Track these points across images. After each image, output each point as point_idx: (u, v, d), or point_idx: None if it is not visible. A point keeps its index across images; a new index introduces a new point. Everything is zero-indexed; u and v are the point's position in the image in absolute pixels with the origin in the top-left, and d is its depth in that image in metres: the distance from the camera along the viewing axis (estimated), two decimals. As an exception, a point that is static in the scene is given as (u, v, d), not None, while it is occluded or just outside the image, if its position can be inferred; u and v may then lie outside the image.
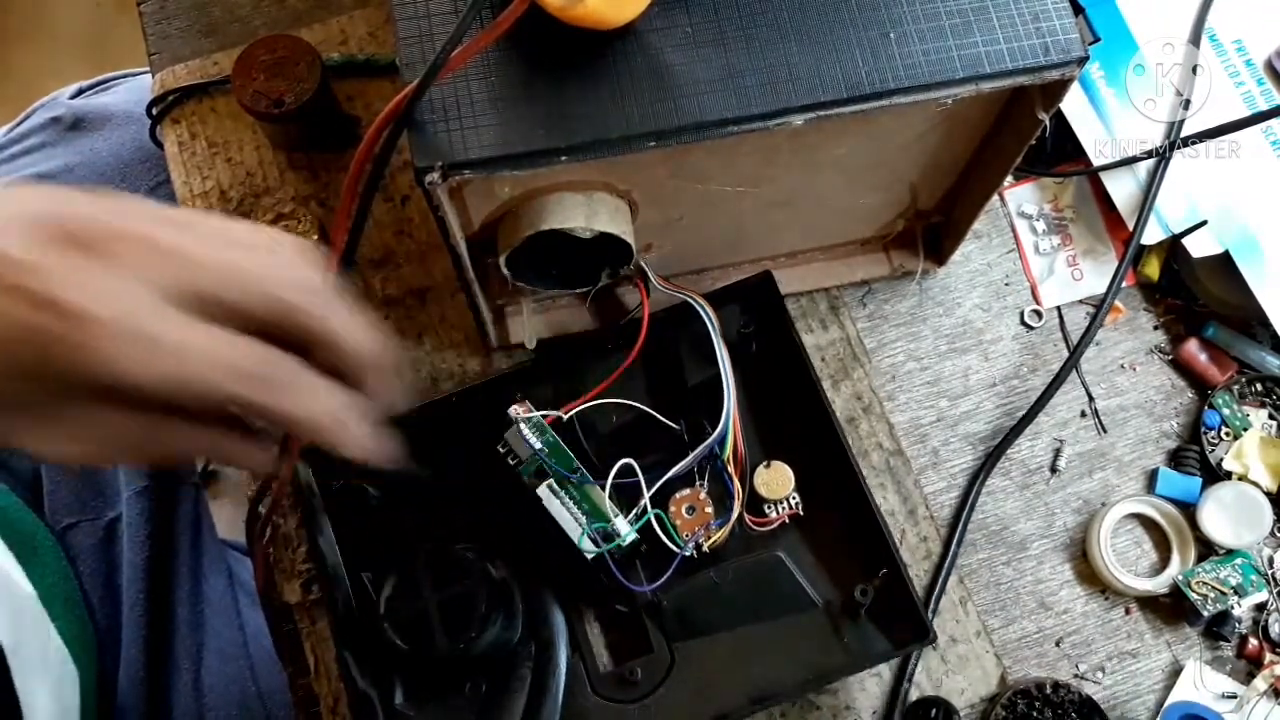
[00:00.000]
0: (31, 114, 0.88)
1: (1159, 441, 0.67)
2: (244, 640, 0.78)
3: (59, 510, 0.78)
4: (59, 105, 0.87)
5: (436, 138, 0.46)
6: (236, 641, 0.78)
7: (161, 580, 0.77)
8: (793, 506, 0.60)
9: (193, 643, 0.76)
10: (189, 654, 0.75)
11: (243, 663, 0.77)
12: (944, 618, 0.63)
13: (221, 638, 0.77)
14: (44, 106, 0.88)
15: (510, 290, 0.61)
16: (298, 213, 0.69)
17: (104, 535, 0.77)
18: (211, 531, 0.82)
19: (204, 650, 0.76)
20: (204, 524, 0.81)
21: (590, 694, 0.58)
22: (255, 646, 0.78)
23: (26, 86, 0.92)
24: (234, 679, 0.76)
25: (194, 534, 0.80)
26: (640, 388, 0.63)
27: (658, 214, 0.57)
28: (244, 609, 0.80)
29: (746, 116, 0.47)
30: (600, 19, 0.45)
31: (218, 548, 0.82)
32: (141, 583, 0.75)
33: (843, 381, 0.67)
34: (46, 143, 0.85)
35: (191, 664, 0.75)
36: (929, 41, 0.47)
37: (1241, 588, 0.62)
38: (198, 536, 0.80)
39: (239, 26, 0.74)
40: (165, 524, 0.78)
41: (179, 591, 0.77)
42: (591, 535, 0.57)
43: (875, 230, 0.66)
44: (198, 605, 0.77)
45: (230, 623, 0.78)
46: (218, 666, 0.76)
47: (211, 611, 0.78)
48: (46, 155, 0.84)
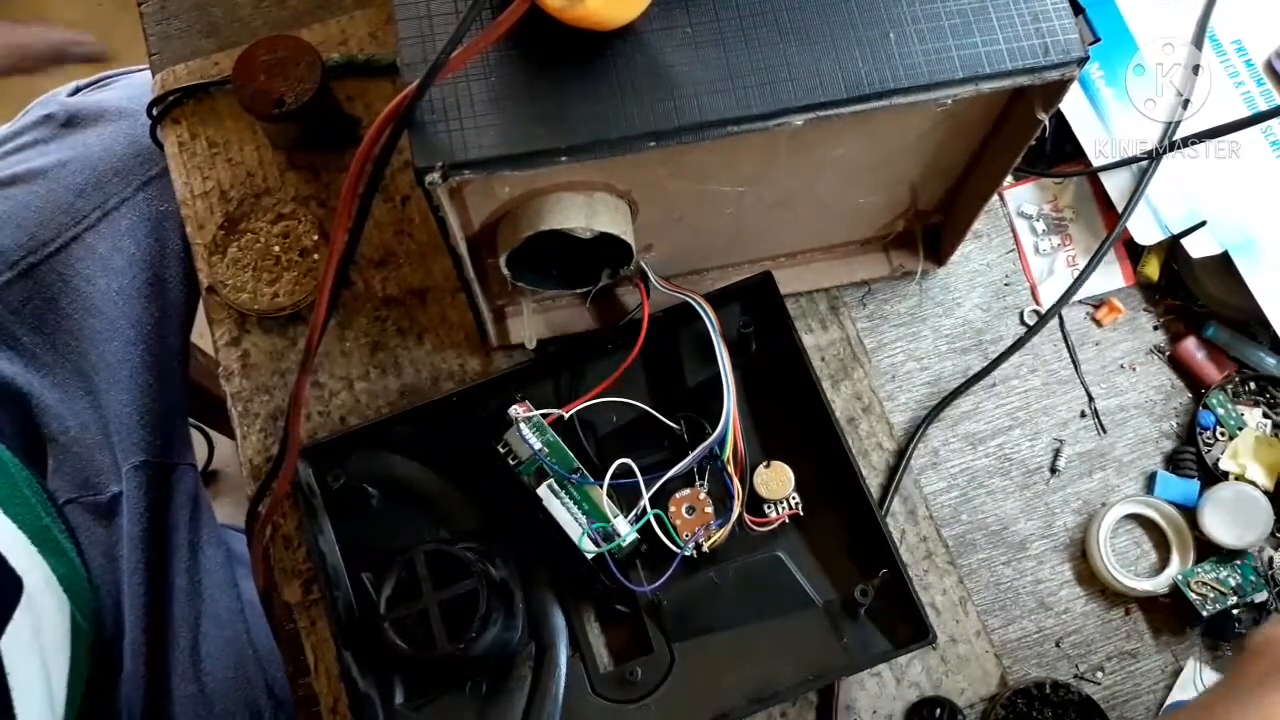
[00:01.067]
0: (28, 112, 0.89)
1: (1159, 442, 0.67)
2: (241, 608, 0.80)
3: (61, 488, 0.79)
4: (54, 103, 0.88)
5: (437, 138, 0.46)
6: (233, 609, 0.80)
7: (159, 551, 0.78)
8: (793, 506, 0.60)
9: (191, 610, 0.78)
10: (187, 621, 0.77)
11: (239, 627, 0.79)
12: (944, 618, 0.63)
13: (218, 604, 0.79)
14: (40, 104, 0.89)
15: (510, 290, 0.61)
16: (298, 213, 0.69)
17: (105, 510, 0.79)
18: (209, 510, 0.84)
19: (201, 618, 0.78)
20: (202, 502, 0.83)
21: (590, 694, 0.58)
22: (252, 613, 0.80)
23: (26, 86, 0.93)
24: (230, 643, 0.78)
25: (193, 509, 0.82)
26: (640, 388, 0.63)
27: (658, 214, 0.57)
28: (241, 579, 0.81)
29: (746, 116, 0.47)
30: (600, 19, 0.45)
31: (215, 525, 0.84)
32: (140, 553, 0.77)
33: (843, 381, 0.67)
34: (40, 139, 0.86)
35: (189, 630, 0.77)
36: (929, 41, 0.48)
37: (1241, 588, 0.62)
38: (196, 512, 0.82)
39: (239, 26, 0.74)
40: (163, 498, 0.80)
41: (177, 563, 0.79)
42: (591, 535, 0.57)
43: (875, 230, 0.66)
44: (195, 575, 0.79)
45: (227, 591, 0.80)
46: (215, 633, 0.78)
47: (210, 581, 0.80)
48: (40, 151, 0.85)
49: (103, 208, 0.82)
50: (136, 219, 0.83)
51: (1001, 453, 0.67)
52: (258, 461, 0.66)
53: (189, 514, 0.81)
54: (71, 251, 0.82)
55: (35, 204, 0.82)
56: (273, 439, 0.66)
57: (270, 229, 0.69)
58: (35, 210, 0.82)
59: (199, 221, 0.70)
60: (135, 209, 0.83)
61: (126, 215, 0.83)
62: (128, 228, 0.82)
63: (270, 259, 0.68)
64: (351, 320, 0.68)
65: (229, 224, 0.69)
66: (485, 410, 0.61)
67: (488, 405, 0.61)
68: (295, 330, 0.68)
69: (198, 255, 0.69)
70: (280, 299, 0.67)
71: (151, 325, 0.81)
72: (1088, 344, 0.68)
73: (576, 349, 0.63)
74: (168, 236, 0.83)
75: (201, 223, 0.70)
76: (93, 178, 0.83)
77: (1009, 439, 0.67)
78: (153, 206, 0.83)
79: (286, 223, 0.69)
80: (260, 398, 0.67)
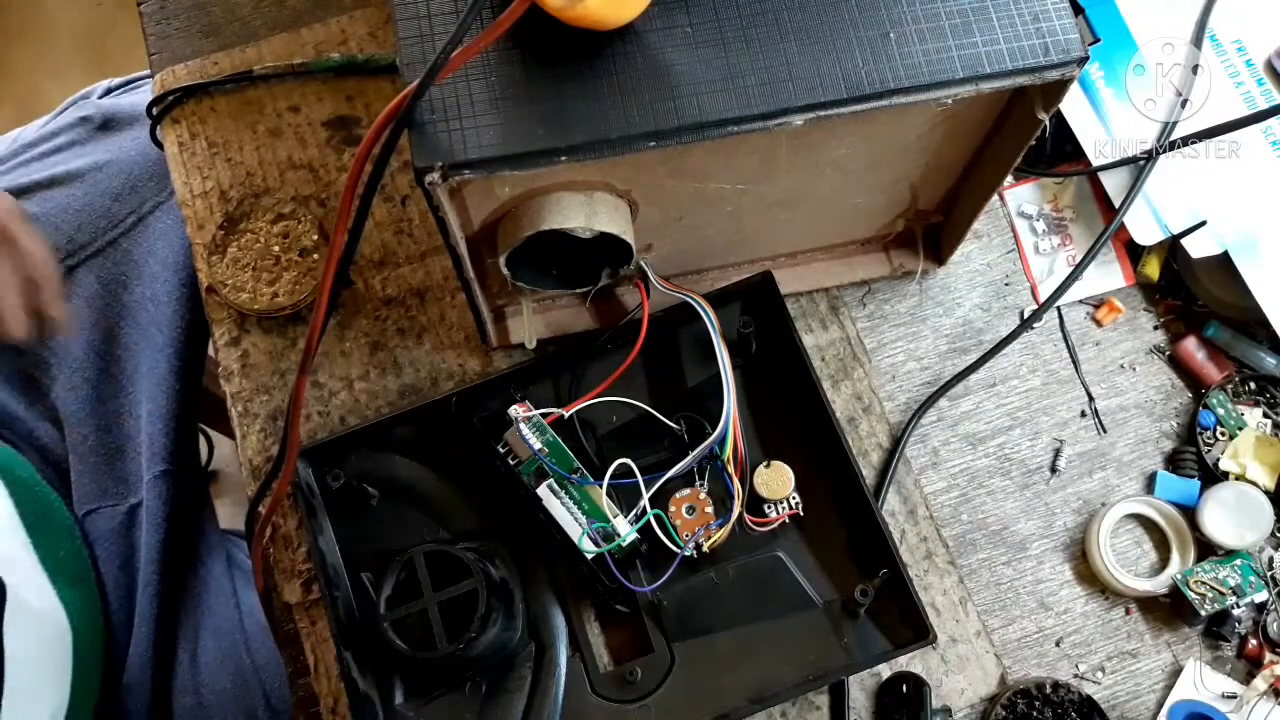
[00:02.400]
0: (63, 111, 0.90)
1: (1159, 442, 0.67)
2: (239, 618, 0.80)
3: (83, 498, 0.80)
4: (89, 105, 0.89)
5: (436, 138, 0.46)
6: (232, 619, 0.80)
7: (172, 562, 0.79)
8: (793, 506, 0.60)
9: (190, 623, 0.78)
10: (187, 633, 0.78)
11: (238, 637, 0.79)
12: (944, 618, 0.63)
13: (217, 616, 0.80)
14: (75, 105, 0.90)
15: (510, 290, 0.61)
16: (298, 213, 0.69)
17: (124, 520, 0.79)
18: (212, 517, 0.84)
19: (200, 630, 0.78)
20: (206, 510, 0.84)
21: (590, 694, 0.58)
22: (251, 623, 0.80)
23: (26, 86, 0.93)
24: (229, 654, 0.78)
25: (196, 520, 0.82)
26: (640, 388, 0.63)
27: (658, 214, 0.57)
28: (240, 589, 0.82)
29: (746, 116, 0.47)
30: (600, 19, 0.45)
31: (218, 533, 0.84)
32: (157, 564, 0.78)
33: (843, 381, 0.67)
34: (76, 141, 0.87)
35: (189, 642, 0.78)
36: (929, 41, 0.47)
37: (1240, 588, 0.62)
38: (201, 520, 0.82)
39: (239, 26, 0.74)
40: (181, 508, 0.80)
41: (184, 573, 0.80)
42: (592, 535, 0.57)
43: (875, 230, 0.66)
44: (197, 586, 0.80)
45: (226, 602, 0.81)
46: (213, 644, 0.78)
47: (210, 591, 0.80)
48: (77, 153, 0.86)
49: (138, 212, 0.84)
50: (171, 223, 0.84)
51: (1001, 453, 0.67)
52: (258, 461, 0.65)
53: (197, 523, 0.82)
54: (108, 256, 0.82)
55: (74, 206, 0.83)
56: (273, 439, 0.66)
57: (270, 229, 0.69)
58: (74, 213, 0.83)
59: (199, 221, 0.70)
60: (169, 213, 0.84)
61: (161, 219, 0.84)
62: (161, 231, 0.83)
63: (270, 259, 0.68)
64: (351, 320, 0.68)
65: (229, 224, 0.69)
66: (485, 410, 0.61)
67: (488, 405, 0.61)
68: (295, 330, 0.68)
69: (197, 255, 0.69)
70: (280, 299, 0.67)
71: (182, 331, 0.82)
72: (1088, 344, 0.68)
73: (576, 349, 0.63)
74: None
75: (201, 223, 0.70)
76: (129, 182, 0.84)
77: (1009, 439, 0.67)
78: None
79: (286, 223, 0.69)
80: (260, 398, 0.67)
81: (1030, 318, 0.68)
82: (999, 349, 0.67)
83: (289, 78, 0.72)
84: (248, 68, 0.72)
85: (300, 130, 0.71)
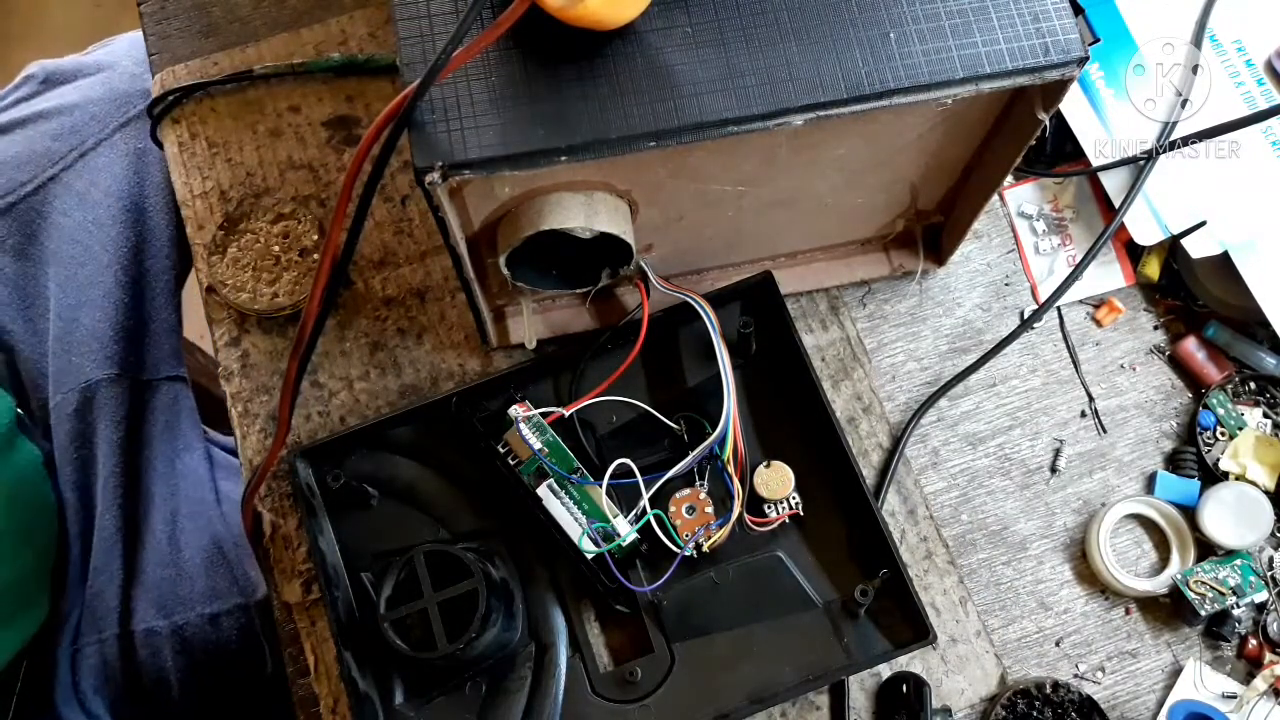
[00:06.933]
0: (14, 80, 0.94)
1: (1159, 442, 0.67)
2: (217, 500, 0.86)
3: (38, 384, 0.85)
4: (35, 66, 0.93)
5: (436, 137, 0.46)
6: (209, 502, 0.85)
7: (133, 460, 0.83)
8: (793, 506, 0.60)
9: (168, 510, 0.83)
10: (165, 520, 0.83)
11: (213, 513, 0.85)
12: (944, 618, 0.63)
13: (193, 502, 0.84)
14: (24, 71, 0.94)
15: (510, 290, 0.61)
16: (298, 213, 0.69)
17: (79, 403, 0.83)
18: (191, 418, 0.88)
19: (178, 515, 0.83)
20: (183, 411, 0.87)
21: (590, 694, 0.58)
22: (229, 505, 0.85)
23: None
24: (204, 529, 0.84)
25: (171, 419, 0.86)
26: (640, 388, 0.63)
27: (658, 214, 0.57)
28: (220, 480, 0.87)
29: (746, 116, 0.47)
30: (600, 19, 0.45)
31: (197, 433, 0.88)
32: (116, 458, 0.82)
33: (843, 381, 0.67)
34: (21, 98, 0.91)
35: (166, 526, 0.83)
36: (929, 41, 0.48)
37: (1240, 588, 0.62)
38: (175, 421, 0.86)
39: (239, 26, 0.74)
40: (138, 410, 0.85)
41: (154, 473, 0.84)
42: (591, 535, 0.57)
43: (875, 230, 0.66)
44: (172, 480, 0.84)
45: (206, 494, 0.86)
46: (191, 526, 0.83)
47: (186, 483, 0.85)
48: (21, 108, 0.90)
49: (79, 149, 0.86)
50: (114, 156, 0.86)
51: (1001, 453, 0.67)
52: (258, 461, 0.65)
53: (166, 425, 0.86)
54: (49, 190, 0.86)
55: (13, 151, 0.86)
56: (272, 439, 0.66)
57: (270, 229, 0.69)
58: (13, 157, 0.86)
59: (199, 222, 0.70)
60: (112, 148, 0.87)
61: (103, 154, 0.86)
62: (104, 164, 0.86)
63: (270, 259, 0.68)
64: (351, 320, 0.68)
65: (229, 224, 0.69)
66: (485, 410, 0.61)
67: (488, 405, 0.61)
68: (295, 330, 0.68)
69: (197, 255, 0.69)
70: (280, 299, 0.67)
71: (128, 249, 0.85)
72: (1088, 344, 0.68)
73: (576, 349, 0.63)
74: (147, 170, 0.87)
75: (201, 223, 0.70)
76: (69, 123, 0.87)
77: (1009, 439, 0.67)
78: (130, 144, 0.87)
79: (286, 223, 0.69)
80: (260, 398, 0.67)
81: (1030, 318, 0.68)
82: (999, 349, 0.67)
83: (289, 78, 0.72)
84: (248, 68, 0.72)
85: (300, 130, 0.72)
